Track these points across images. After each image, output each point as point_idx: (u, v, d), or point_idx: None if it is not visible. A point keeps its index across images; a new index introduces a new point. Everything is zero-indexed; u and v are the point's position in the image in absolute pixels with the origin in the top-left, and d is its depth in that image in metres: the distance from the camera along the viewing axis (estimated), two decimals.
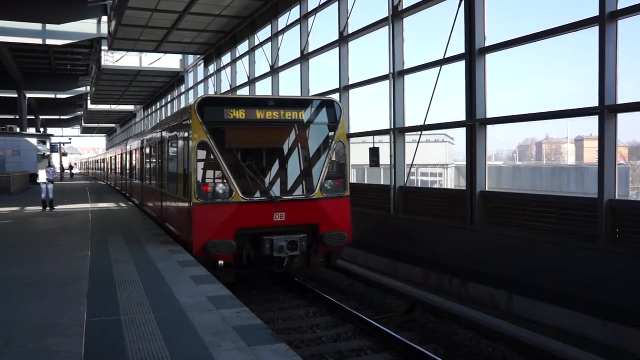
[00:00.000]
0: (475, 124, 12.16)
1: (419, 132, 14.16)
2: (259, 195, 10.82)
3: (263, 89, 25.29)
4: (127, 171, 25.60)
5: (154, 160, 16.56)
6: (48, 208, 20.50)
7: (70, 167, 74.04)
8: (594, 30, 9.61)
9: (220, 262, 10.56)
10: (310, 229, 11.11)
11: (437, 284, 12.56)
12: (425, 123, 13.66)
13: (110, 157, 40.03)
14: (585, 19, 9.89)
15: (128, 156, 25.07)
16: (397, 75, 14.96)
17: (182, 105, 39.18)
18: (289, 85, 24.66)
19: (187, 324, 6.30)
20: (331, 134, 11.59)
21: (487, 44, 12.14)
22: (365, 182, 28.51)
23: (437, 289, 12.27)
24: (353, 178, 20.10)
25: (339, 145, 11.66)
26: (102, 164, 51.90)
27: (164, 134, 14.43)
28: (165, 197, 14.14)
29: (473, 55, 12.17)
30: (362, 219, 16.04)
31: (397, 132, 15.01)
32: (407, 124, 15.02)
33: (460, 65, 12.59)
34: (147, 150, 18.06)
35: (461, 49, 12.53)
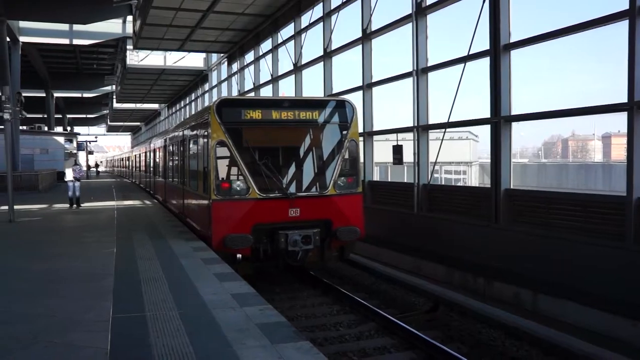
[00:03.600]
0: (500, 121, 12.03)
1: (443, 130, 14.05)
2: (275, 192, 11.37)
3: (286, 87, 25.37)
4: (151, 169, 26.21)
5: (176, 158, 17.09)
6: (75, 205, 20.78)
7: (97, 165, 75.04)
8: (623, 25, 9.42)
9: (239, 256, 11.04)
10: (323, 224, 11.60)
11: (461, 282, 12.45)
12: (450, 120, 13.55)
13: (135, 156, 40.49)
14: (614, 13, 9.70)
15: (152, 154, 25.68)
16: (420, 72, 14.86)
17: (206, 103, 39.45)
18: (313, 84, 24.72)
19: (211, 321, 6.32)
20: (344, 133, 12.11)
21: (512, 40, 11.99)
22: (389, 180, 28.41)
23: (461, 287, 12.16)
24: (376, 176, 20.05)
25: (351, 144, 12.15)
26: (127, 162, 52.51)
27: (185, 133, 15.02)
28: (186, 194, 14.73)
29: (498, 51, 12.03)
30: (386, 216, 15.99)
31: (421, 129, 14.92)
32: (431, 122, 14.91)
33: (485, 61, 12.47)
34: (170, 149, 18.64)
35: (486, 45, 12.39)
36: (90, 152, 67.71)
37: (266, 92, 27.30)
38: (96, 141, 73.12)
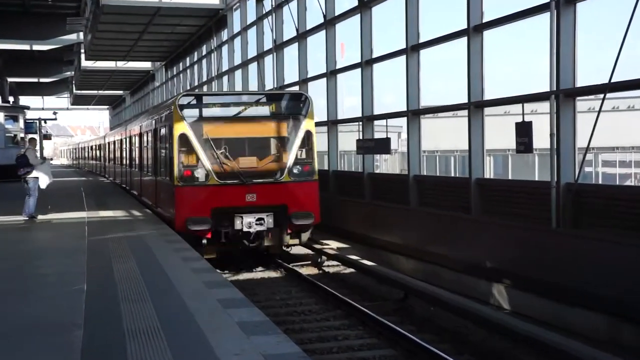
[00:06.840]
0: None
1: (601, 96, 13.70)
2: (233, 179, 18.49)
3: (346, 35, 25.24)
4: (128, 161, 33.16)
5: (150, 148, 24.36)
6: (26, 218, 21.11)
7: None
8: None
9: (204, 241, 17.88)
10: (279, 209, 18.60)
11: (635, 341, 12.13)
12: (612, 80, 13.16)
13: (109, 143, 41.40)
14: None
15: (128, 142, 31.51)
16: (563, 4, 14.44)
17: (225, 58, 40.90)
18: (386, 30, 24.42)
19: None
20: (300, 124, 19.50)
21: None
22: (509, 178, 28.05)
23: (636, 349, 11.84)
24: (489, 171, 19.80)
25: (307, 134, 19.52)
26: (99, 152, 53.63)
27: (154, 124, 22.95)
28: (157, 184, 22.33)
29: None
30: (503, 234, 15.72)
31: (563, 96, 14.53)
32: (578, 84, 14.53)
33: None
34: (145, 137, 25.99)
35: None
36: (47, 136, 68.79)
37: (318, 40, 27.09)
38: (55, 119, 74.37)
